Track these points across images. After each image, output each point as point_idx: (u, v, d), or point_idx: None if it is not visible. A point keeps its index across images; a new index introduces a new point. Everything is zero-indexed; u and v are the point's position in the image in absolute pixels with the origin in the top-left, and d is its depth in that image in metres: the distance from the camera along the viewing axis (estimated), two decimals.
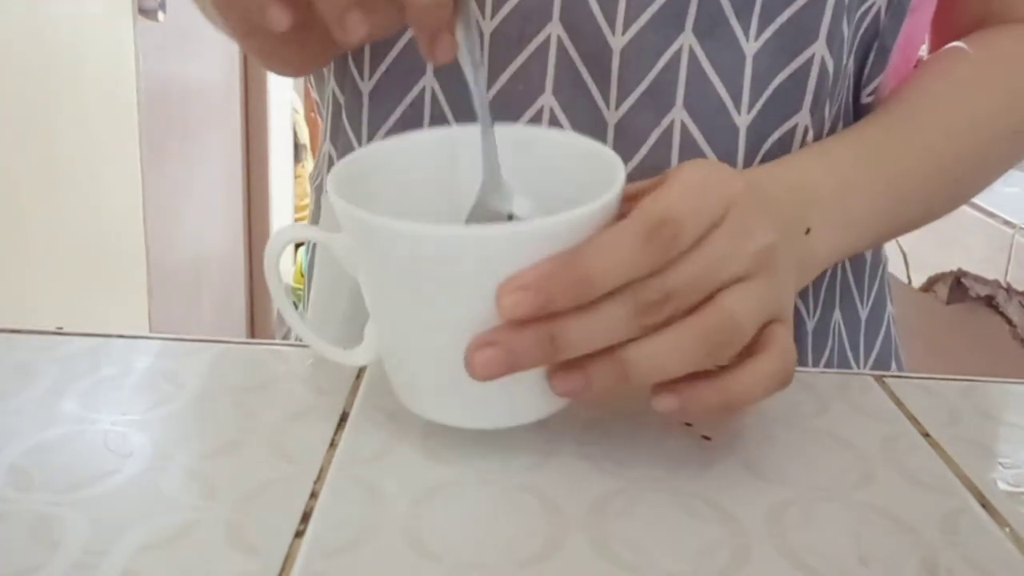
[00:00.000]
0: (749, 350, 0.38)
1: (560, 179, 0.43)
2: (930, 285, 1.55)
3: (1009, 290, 1.44)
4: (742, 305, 0.37)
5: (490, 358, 0.36)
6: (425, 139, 0.46)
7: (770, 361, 0.38)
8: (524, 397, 0.39)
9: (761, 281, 0.38)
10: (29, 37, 1.48)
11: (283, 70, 0.53)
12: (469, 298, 0.36)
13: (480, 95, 0.42)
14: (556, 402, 0.40)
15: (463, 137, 0.45)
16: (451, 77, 0.52)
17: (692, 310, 0.37)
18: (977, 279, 1.49)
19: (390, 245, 0.37)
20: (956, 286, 1.51)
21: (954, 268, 1.52)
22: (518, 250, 0.35)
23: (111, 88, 1.74)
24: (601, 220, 0.37)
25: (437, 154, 0.45)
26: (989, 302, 1.46)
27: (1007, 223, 1.53)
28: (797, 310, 0.56)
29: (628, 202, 0.38)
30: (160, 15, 1.81)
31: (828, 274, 0.58)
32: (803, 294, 0.57)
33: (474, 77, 0.42)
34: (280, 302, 0.42)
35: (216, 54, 2.26)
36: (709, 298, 0.37)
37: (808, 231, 0.46)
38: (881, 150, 0.51)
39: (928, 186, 0.53)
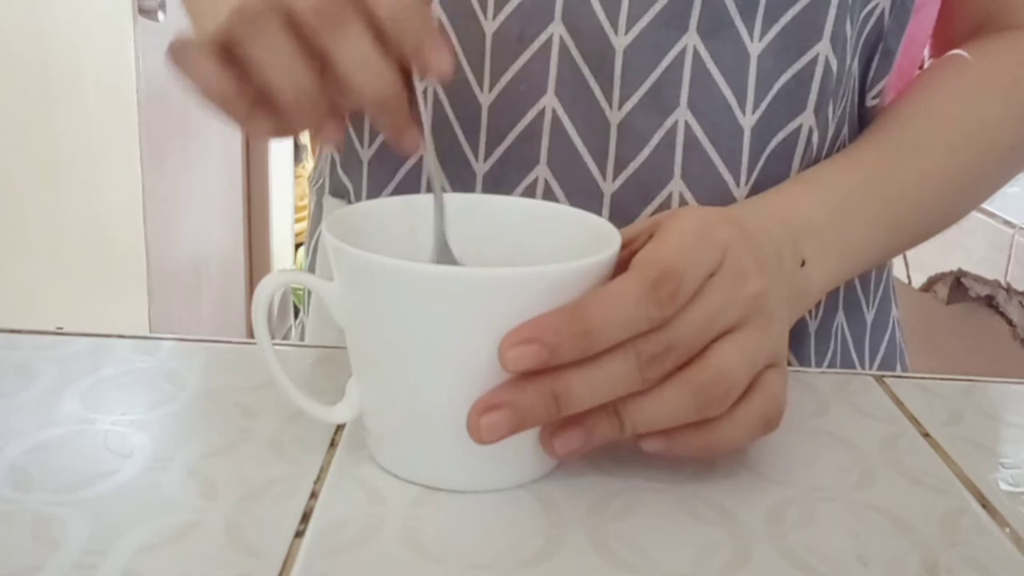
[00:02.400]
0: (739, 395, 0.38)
1: (557, 251, 0.42)
2: (930, 285, 1.55)
3: (1009, 290, 1.44)
4: (734, 360, 0.37)
5: (496, 421, 0.35)
6: (423, 202, 0.46)
7: (753, 408, 0.38)
8: (527, 453, 0.39)
9: (753, 329, 0.38)
10: (29, 37, 1.48)
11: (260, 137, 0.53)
12: (468, 345, 0.36)
13: (436, 182, 0.43)
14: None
15: (459, 203, 0.45)
16: (453, 77, 0.52)
17: (686, 363, 0.37)
18: (977, 279, 1.49)
19: (391, 286, 0.36)
20: (956, 286, 1.51)
21: (954, 268, 1.52)
22: (521, 294, 0.35)
23: (111, 88, 1.74)
24: (603, 274, 0.37)
25: (428, 217, 0.45)
26: (989, 302, 1.46)
27: (1007, 223, 1.53)
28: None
29: (622, 249, 0.38)
30: (160, 15, 1.81)
31: None
32: None
33: (433, 164, 0.43)
34: (264, 345, 0.40)
35: None
36: (703, 349, 0.37)
37: (803, 263, 0.46)
38: (877, 175, 0.51)
39: (926, 208, 0.53)
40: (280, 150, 2.72)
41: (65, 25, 1.57)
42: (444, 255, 0.43)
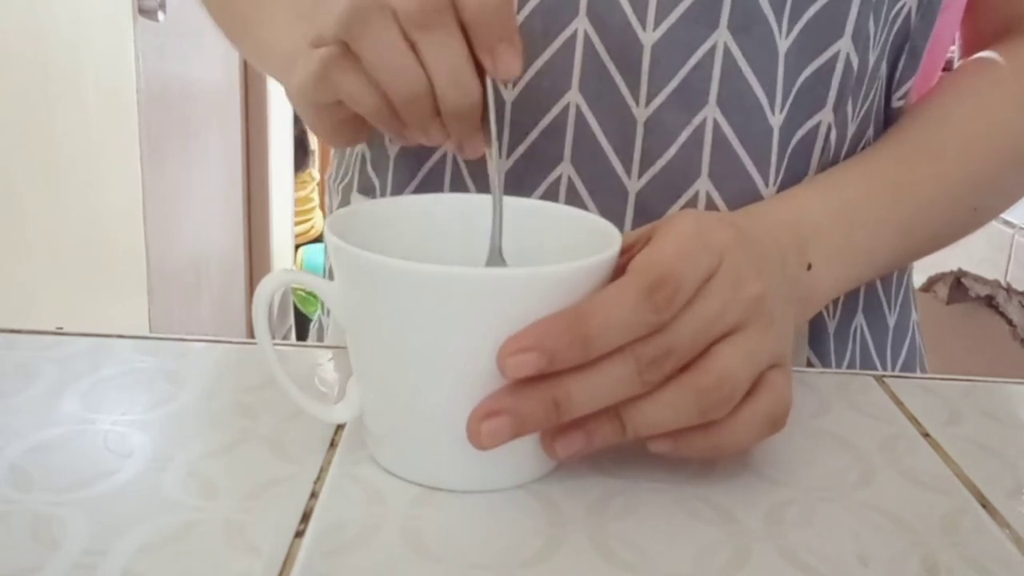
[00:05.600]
0: (744, 395, 0.38)
1: (558, 251, 0.42)
2: (930, 285, 1.55)
3: (1009, 290, 1.44)
4: (735, 362, 0.37)
5: (496, 427, 0.35)
6: (426, 202, 0.46)
7: (759, 409, 0.38)
8: (528, 454, 0.39)
9: (754, 331, 0.38)
10: (29, 37, 1.48)
11: (338, 144, 0.53)
12: (468, 345, 0.36)
13: (496, 191, 0.43)
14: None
15: (459, 204, 0.45)
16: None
17: (686, 366, 0.37)
18: (977, 279, 1.49)
19: (391, 286, 0.36)
20: (956, 286, 1.51)
21: (954, 268, 1.52)
22: (522, 295, 0.35)
23: (111, 88, 1.74)
24: (604, 274, 0.37)
25: (434, 217, 0.45)
26: (989, 302, 1.46)
27: (1007, 223, 1.53)
28: (819, 311, 0.56)
29: (621, 253, 0.38)
30: (160, 15, 1.81)
31: None
32: None
33: (495, 172, 0.43)
34: (264, 345, 0.40)
35: (216, 54, 2.26)
36: (703, 352, 0.37)
37: (809, 267, 0.46)
38: (890, 179, 0.51)
39: (940, 212, 0.53)
40: (280, 150, 2.72)
41: (65, 25, 1.57)
42: (496, 261, 0.43)
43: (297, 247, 2.99)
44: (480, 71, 0.41)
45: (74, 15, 1.60)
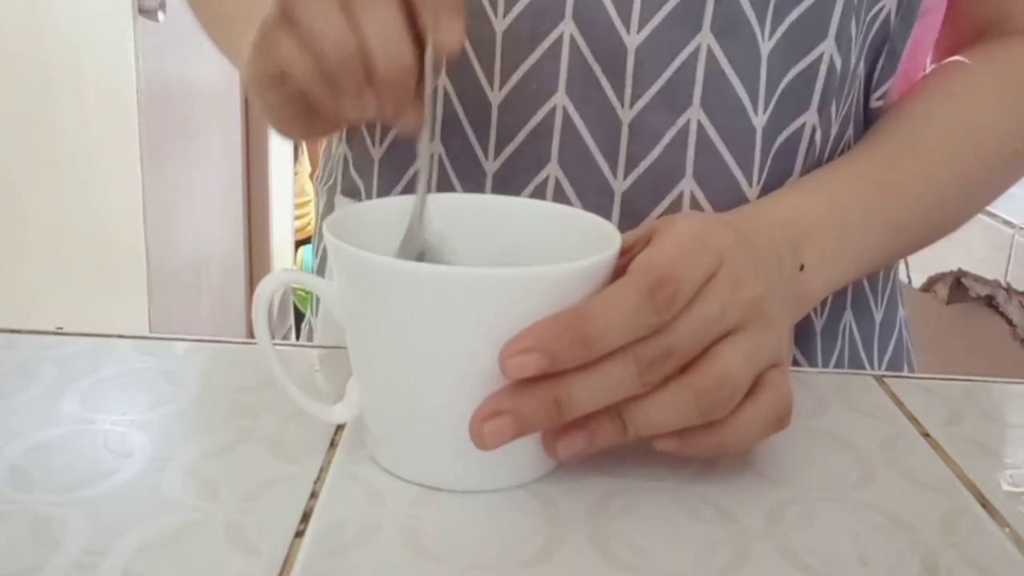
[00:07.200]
0: (745, 395, 0.38)
1: (557, 251, 0.42)
2: (930, 285, 1.55)
3: (1009, 290, 1.44)
4: (735, 362, 0.37)
5: (498, 428, 0.35)
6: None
7: (762, 407, 0.38)
8: (528, 454, 0.39)
9: (753, 332, 0.38)
10: (29, 37, 1.48)
11: (290, 134, 0.53)
12: (468, 345, 0.36)
13: (425, 166, 0.43)
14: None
15: (458, 203, 0.45)
16: (463, 75, 0.52)
17: (687, 366, 0.37)
18: (977, 279, 1.49)
19: (390, 286, 0.36)
20: (956, 286, 1.51)
21: (954, 268, 1.52)
22: (522, 295, 0.35)
23: (111, 88, 1.74)
24: (604, 274, 0.37)
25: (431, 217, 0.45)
26: (989, 302, 1.46)
27: (1007, 223, 1.53)
28: None
29: (621, 254, 0.38)
30: (160, 15, 1.81)
31: None
32: None
33: (426, 145, 0.43)
34: (264, 345, 0.40)
35: (216, 54, 2.25)
36: (703, 353, 0.37)
37: (802, 268, 0.46)
38: (878, 179, 0.51)
39: (927, 211, 0.53)
40: (280, 150, 2.72)
41: (65, 25, 1.57)
42: (415, 240, 0.43)
43: (297, 246, 2.99)
44: (418, 43, 0.41)
45: (74, 15, 1.60)
